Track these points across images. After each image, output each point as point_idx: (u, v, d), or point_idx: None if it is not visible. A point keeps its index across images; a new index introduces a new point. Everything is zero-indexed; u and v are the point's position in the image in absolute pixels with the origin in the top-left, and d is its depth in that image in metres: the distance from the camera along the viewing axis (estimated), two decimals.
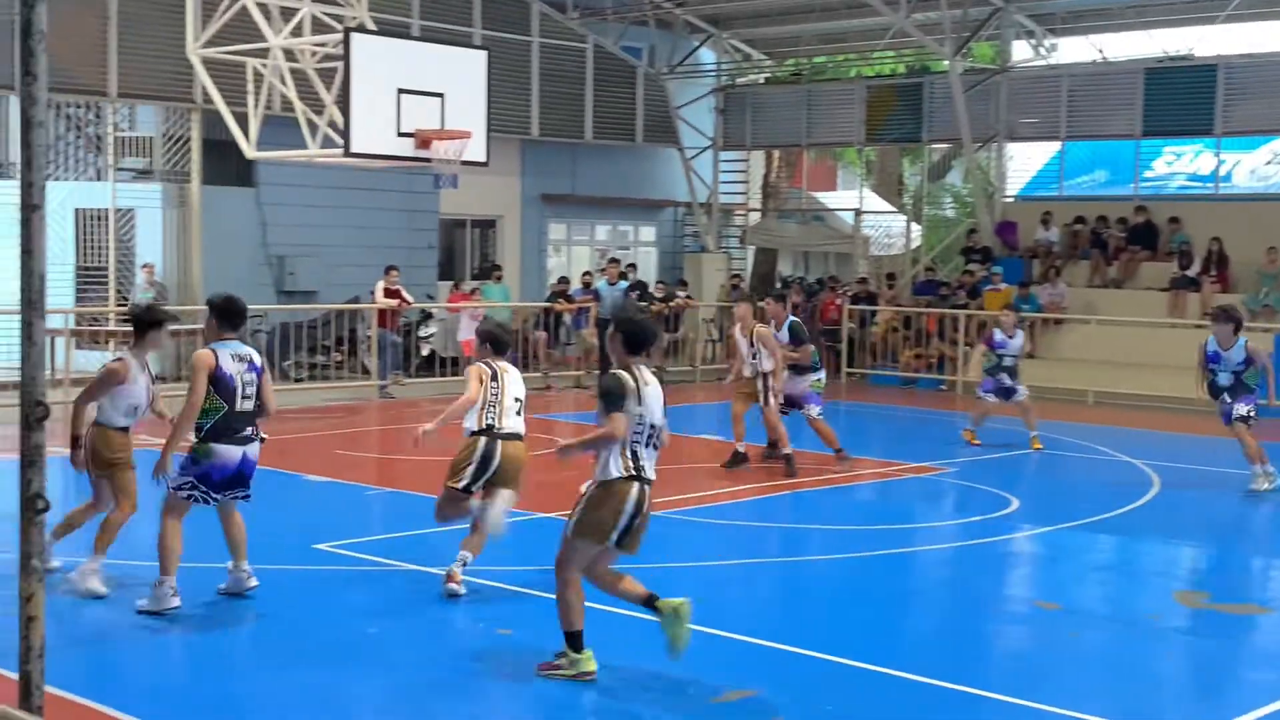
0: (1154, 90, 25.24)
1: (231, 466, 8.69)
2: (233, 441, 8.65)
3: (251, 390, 8.71)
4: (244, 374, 8.67)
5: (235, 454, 8.69)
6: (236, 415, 8.64)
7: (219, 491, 8.73)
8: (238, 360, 8.68)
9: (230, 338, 8.79)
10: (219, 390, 8.54)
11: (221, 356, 8.62)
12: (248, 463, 8.81)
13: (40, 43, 4.32)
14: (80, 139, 24.74)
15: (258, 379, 8.77)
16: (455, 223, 27.82)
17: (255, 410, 8.79)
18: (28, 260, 4.36)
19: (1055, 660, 8.25)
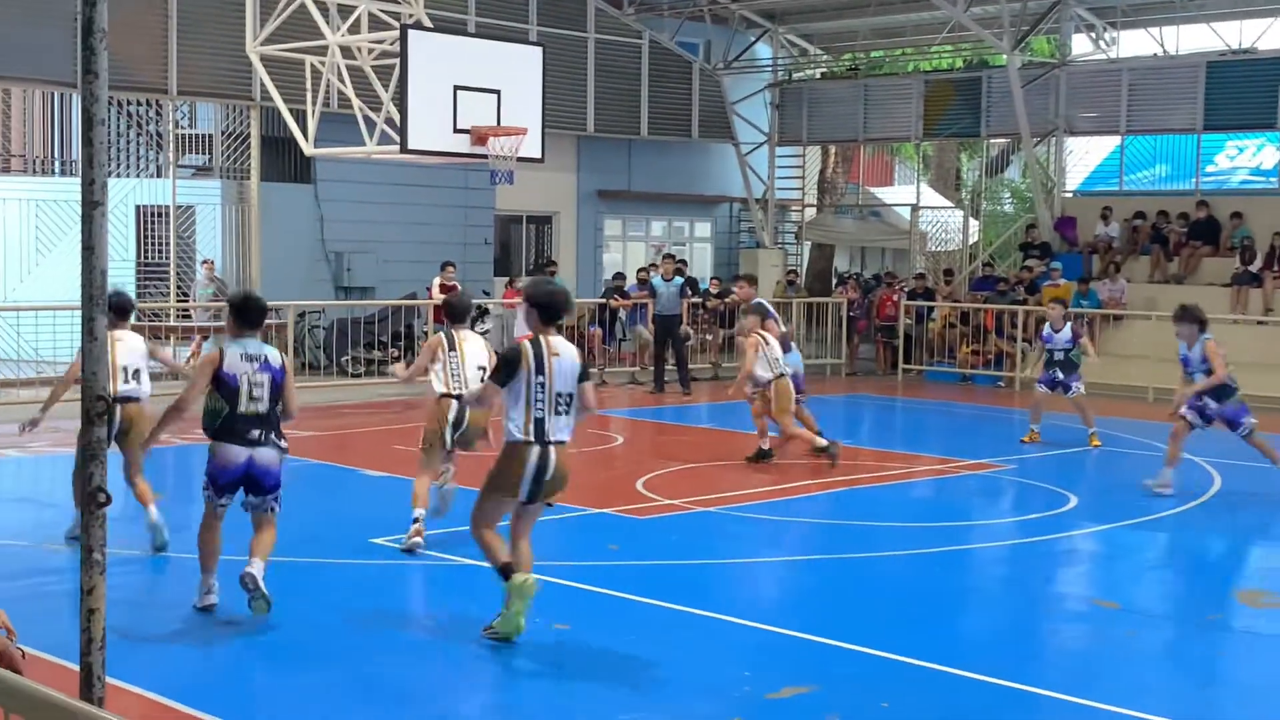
0: (1215, 84, 24.95)
1: (235, 468, 8.26)
2: (237, 442, 8.22)
3: (261, 392, 8.24)
4: (253, 374, 8.23)
5: (238, 456, 8.23)
6: (241, 416, 8.21)
7: (222, 494, 8.39)
8: (247, 359, 8.25)
9: (248, 335, 8.41)
10: (221, 389, 8.20)
11: (228, 355, 8.25)
12: (256, 467, 8.29)
13: (102, 41, 4.36)
14: (141, 136, 25.00)
15: (272, 380, 8.30)
16: (511, 219, 27.90)
17: (268, 413, 8.31)
18: (89, 256, 4.40)
19: (1113, 659, 8.18)
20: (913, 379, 24.43)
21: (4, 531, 10.87)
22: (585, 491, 12.88)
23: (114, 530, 7.83)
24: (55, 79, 21.06)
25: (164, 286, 22.96)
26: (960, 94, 28.08)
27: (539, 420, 7.91)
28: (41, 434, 15.76)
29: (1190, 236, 24.55)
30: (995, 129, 28.00)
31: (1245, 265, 23.10)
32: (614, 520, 11.70)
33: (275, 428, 8.37)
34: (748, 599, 9.44)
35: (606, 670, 7.63)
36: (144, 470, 10.47)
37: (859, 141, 31.15)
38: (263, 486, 8.36)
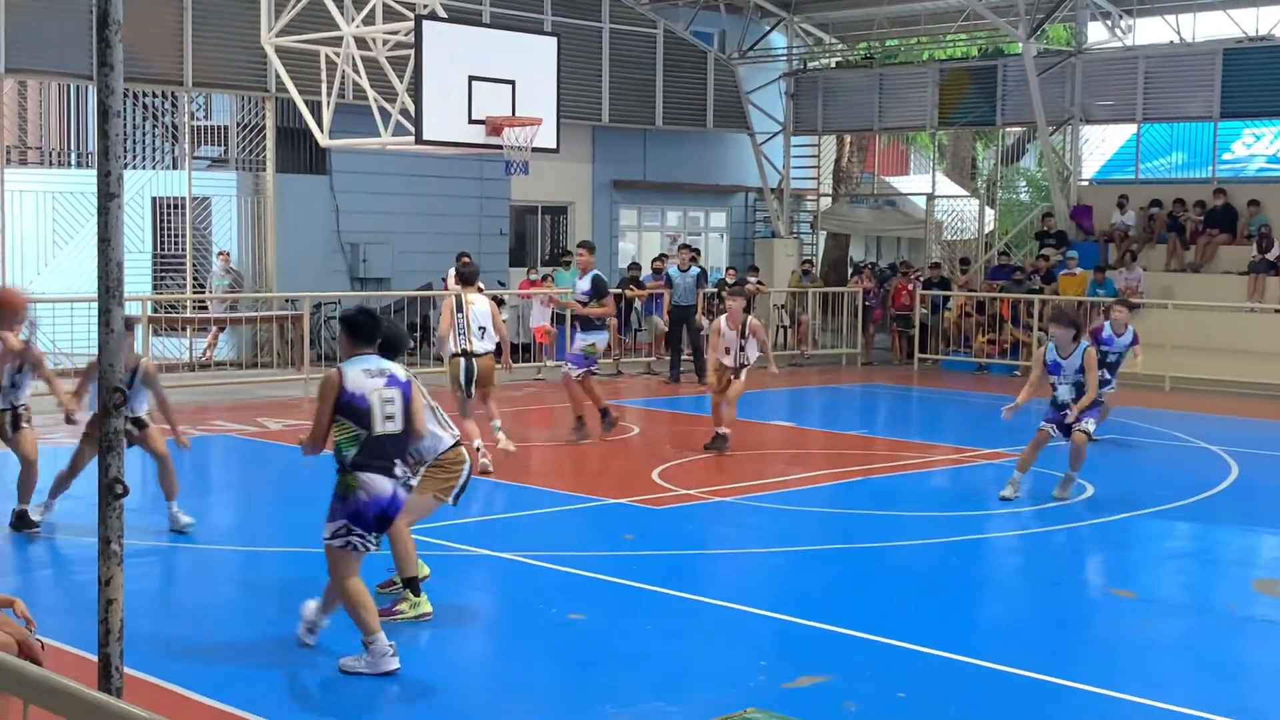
0: (1232, 71, 24.85)
1: (385, 500, 7.33)
2: (383, 472, 7.32)
3: (394, 409, 7.36)
4: (382, 390, 7.35)
5: (384, 488, 7.33)
6: (381, 440, 7.31)
7: (376, 532, 7.39)
8: (370, 375, 7.38)
9: (366, 352, 7.54)
10: (350, 414, 7.27)
11: (349, 374, 7.33)
12: (397, 505, 7.48)
13: (116, 33, 4.36)
14: (157, 128, 25.04)
15: (402, 396, 7.44)
16: (526, 209, 27.90)
17: (402, 435, 7.44)
18: (105, 248, 4.41)
19: (1131, 648, 8.16)
20: (928, 368, 24.40)
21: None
22: (601, 482, 12.90)
23: (132, 521, 7.88)
24: (71, 71, 21.10)
25: (180, 279, 23.00)
26: (976, 82, 28.00)
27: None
28: (60, 425, 15.84)
29: (1207, 224, 24.46)
30: (1011, 117, 27.91)
31: (1262, 253, 23.01)
32: (630, 510, 11.71)
33: (406, 458, 7.57)
34: (763, 588, 9.44)
35: (622, 660, 7.65)
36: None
37: (874, 131, 31.08)
38: (390, 523, 7.54)
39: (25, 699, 3.25)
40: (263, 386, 19.70)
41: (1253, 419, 17.72)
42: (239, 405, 17.81)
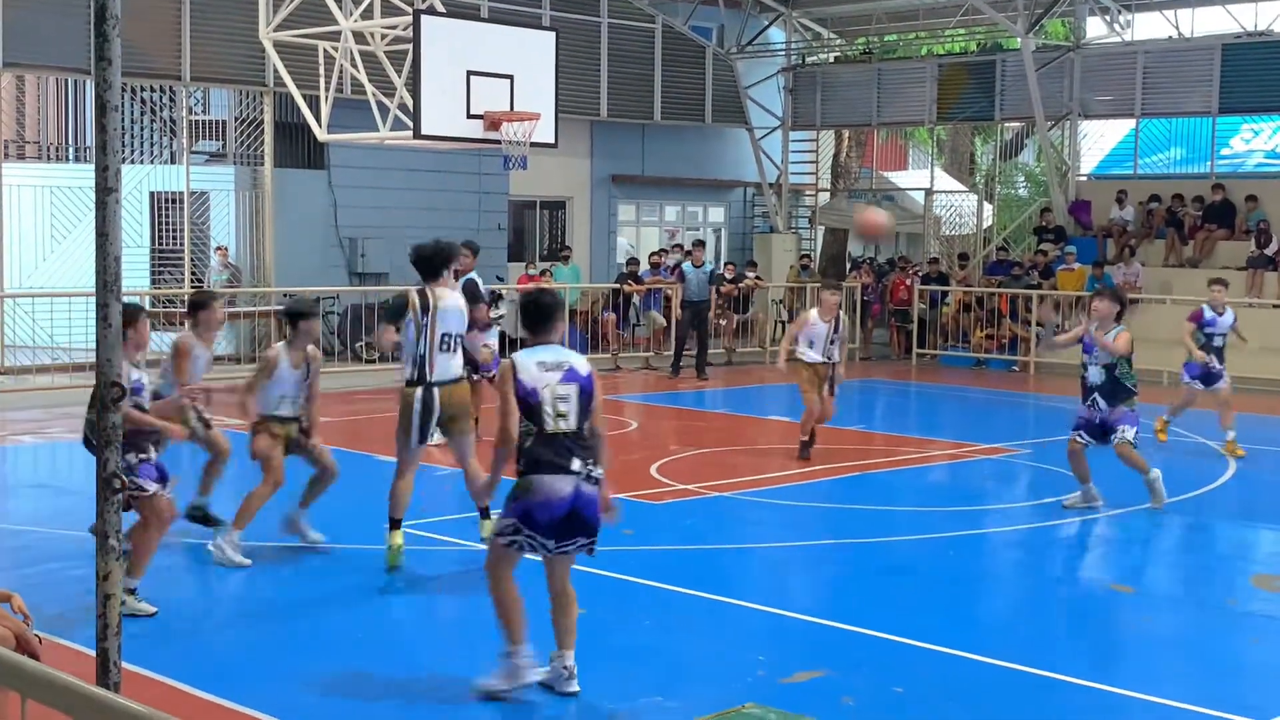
0: (1231, 66, 24.84)
1: (559, 504, 6.75)
2: (556, 471, 6.76)
3: (568, 406, 6.81)
4: (556, 385, 6.80)
5: (562, 488, 6.74)
6: (552, 438, 6.77)
7: (547, 536, 6.84)
8: (545, 368, 6.85)
9: (544, 341, 7.01)
10: (521, 410, 6.78)
11: (522, 365, 6.83)
12: (583, 499, 6.80)
13: (115, 28, 4.36)
14: (155, 123, 25.02)
15: (580, 390, 6.85)
16: (525, 204, 27.89)
17: (579, 431, 6.86)
18: (103, 243, 4.41)
19: (1130, 643, 8.17)
20: (927, 363, 24.40)
21: (21, 518, 10.91)
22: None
23: (130, 516, 7.87)
24: (69, 65, 21.09)
25: (178, 273, 22.99)
26: (974, 77, 27.99)
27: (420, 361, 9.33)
28: (58, 419, 15.86)
29: (1205, 220, 24.46)
30: (1009, 113, 27.90)
31: (1261, 248, 23.01)
32: (629, 505, 11.69)
33: (590, 452, 6.87)
34: (762, 583, 9.45)
35: (620, 655, 7.65)
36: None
37: (873, 126, 31.07)
38: (587, 525, 6.90)
39: (23, 693, 3.25)
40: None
41: (1251, 414, 17.72)
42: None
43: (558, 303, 7.10)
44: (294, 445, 9.85)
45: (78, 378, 16.98)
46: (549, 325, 7.02)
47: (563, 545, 6.90)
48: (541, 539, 6.84)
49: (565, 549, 6.93)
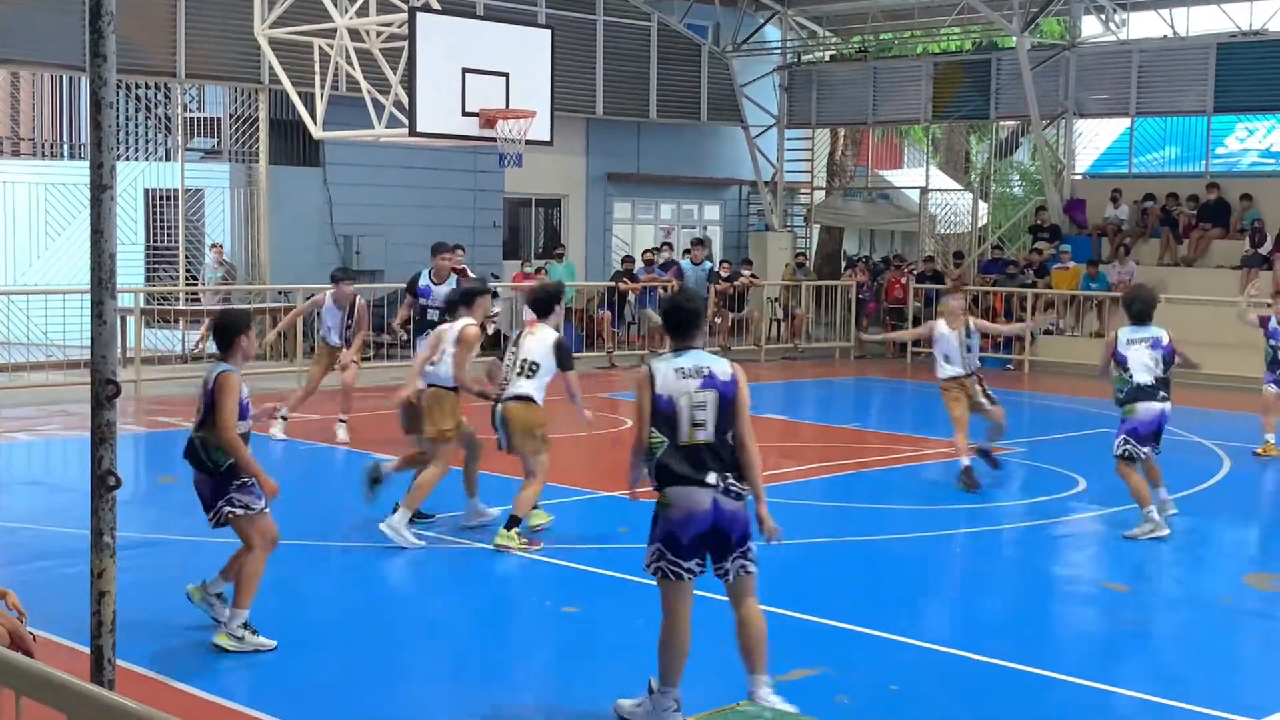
0: (1226, 65, 24.86)
1: (700, 519, 6.35)
2: (690, 484, 6.39)
3: (705, 415, 6.38)
4: (694, 393, 6.40)
5: (700, 501, 6.37)
6: (685, 450, 6.41)
7: (688, 557, 6.39)
8: (683, 376, 6.46)
9: (685, 346, 6.62)
10: (655, 419, 6.46)
11: (659, 373, 6.49)
12: (723, 514, 6.37)
13: (110, 24, 4.35)
14: (149, 120, 24.99)
15: (719, 399, 6.42)
16: (520, 201, 27.88)
17: (718, 443, 6.42)
18: (98, 240, 4.41)
19: (1123, 642, 8.18)
20: (922, 361, 24.39)
21: (16, 515, 10.90)
22: (594, 474, 12.91)
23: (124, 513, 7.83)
24: (64, 62, 21.06)
25: (173, 270, 22.97)
26: (969, 76, 28.00)
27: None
28: (53, 417, 15.84)
29: (1200, 219, 24.49)
30: (1004, 111, 27.92)
31: (1255, 247, 23.04)
32: (623, 503, 11.69)
33: (730, 464, 6.46)
34: (757, 581, 9.44)
35: (616, 652, 7.65)
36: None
37: (868, 124, 31.06)
38: (730, 541, 6.44)
39: (17, 691, 3.25)
40: (255, 378, 19.62)
41: (1244, 413, 17.73)
42: None
43: (700, 308, 6.83)
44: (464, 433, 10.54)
45: (72, 375, 16.98)
46: (690, 330, 6.65)
47: (719, 566, 6.46)
48: (685, 564, 6.39)
49: (723, 569, 6.48)
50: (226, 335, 7.56)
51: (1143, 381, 10.74)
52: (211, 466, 7.46)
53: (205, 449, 7.45)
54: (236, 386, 7.40)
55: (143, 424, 15.51)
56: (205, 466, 7.49)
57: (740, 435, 6.45)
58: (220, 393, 7.31)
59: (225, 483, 7.48)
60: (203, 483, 7.56)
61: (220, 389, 7.32)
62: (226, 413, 7.31)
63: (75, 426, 14.70)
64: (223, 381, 7.35)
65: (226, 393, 7.32)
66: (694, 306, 6.77)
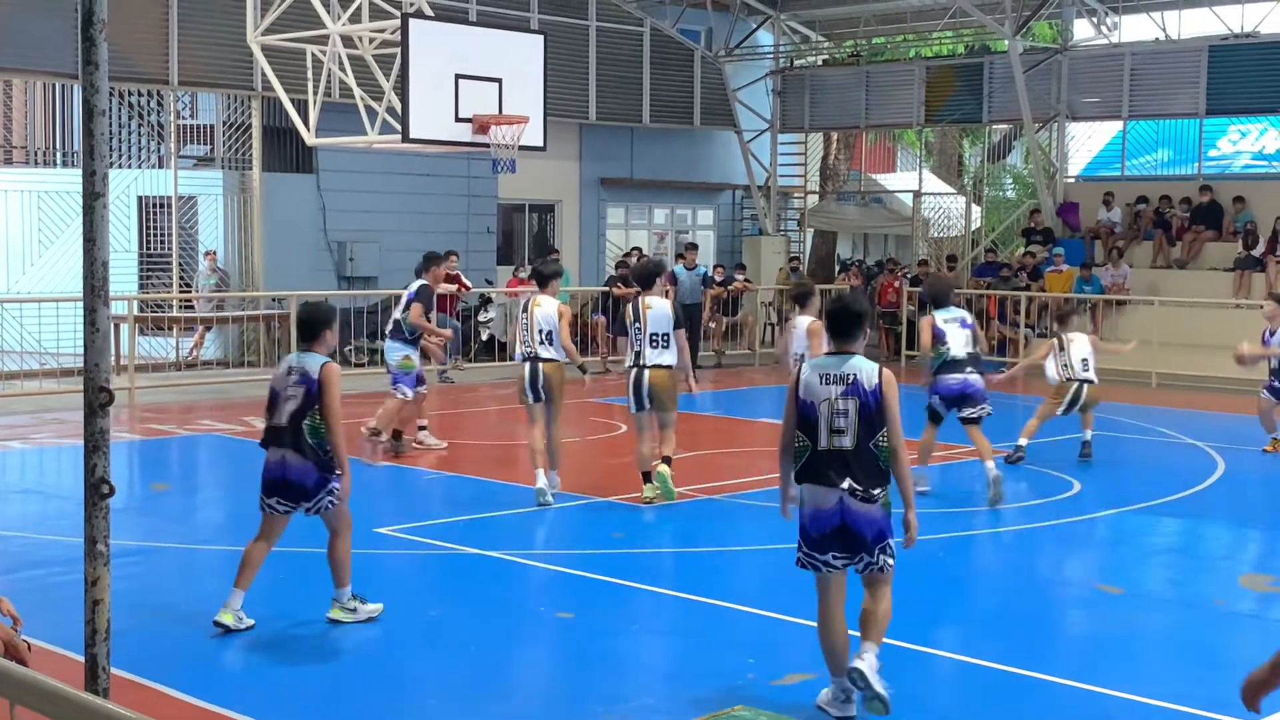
0: (1218, 68, 24.90)
1: (827, 515, 6.50)
2: (824, 483, 6.50)
3: (845, 422, 6.46)
4: (835, 400, 6.50)
5: (827, 500, 6.50)
6: (826, 454, 6.50)
7: (823, 550, 6.53)
8: (828, 381, 6.53)
9: (843, 350, 6.68)
10: (801, 422, 6.57)
11: (805, 376, 6.61)
12: (850, 514, 6.47)
13: (101, 32, 4.35)
14: (142, 127, 24.98)
15: (861, 405, 6.47)
16: (514, 207, 27.89)
17: (858, 449, 6.46)
18: (91, 248, 4.40)
19: (1118, 644, 8.18)
20: (916, 365, 24.39)
21: (9, 523, 10.88)
22: (590, 479, 12.90)
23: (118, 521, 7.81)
24: (56, 70, 21.05)
25: (166, 278, 22.95)
26: (962, 80, 28.03)
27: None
28: (46, 425, 15.83)
29: (1193, 221, 24.53)
30: (997, 115, 27.95)
31: (1248, 250, 23.08)
32: (619, 508, 11.71)
33: (869, 471, 6.47)
34: (752, 586, 9.44)
35: (610, 658, 7.65)
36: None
37: (861, 128, 31.11)
38: (862, 541, 6.50)
39: (11, 699, 3.25)
40: (249, 386, 19.65)
41: (1238, 415, 17.76)
42: (225, 404, 17.79)
43: (865, 311, 6.82)
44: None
45: (65, 383, 16.96)
46: (852, 334, 6.66)
47: (851, 561, 6.54)
48: (821, 557, 6.55)
49: (854, 565, 6.56)
50: (315, 328, 7.97)
51: (957, 355, 12.50)
52: (319, 455, 7.78)
53: (316, 438, 7.76)
54: (340, 377, 7.86)
55: (136, 432, 15.50)
56: (313, 455, 7.78)
57: (891, 445, 6.49)
58: (329, 383, 7.72)
59: (329, 472, 7.81)
60: (306, 471, 7.81)
61: (328, 380, 7.73)
62: (338, 403, 7.74)
63: (68, 434, 14.69)
64: (330, 372, 7.77)
65: (336, 383, 7.77)
66: (860, 310, 6.77)
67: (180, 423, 16.37)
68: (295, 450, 7.80)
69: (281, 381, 7.94)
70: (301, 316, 8.21)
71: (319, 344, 7.96)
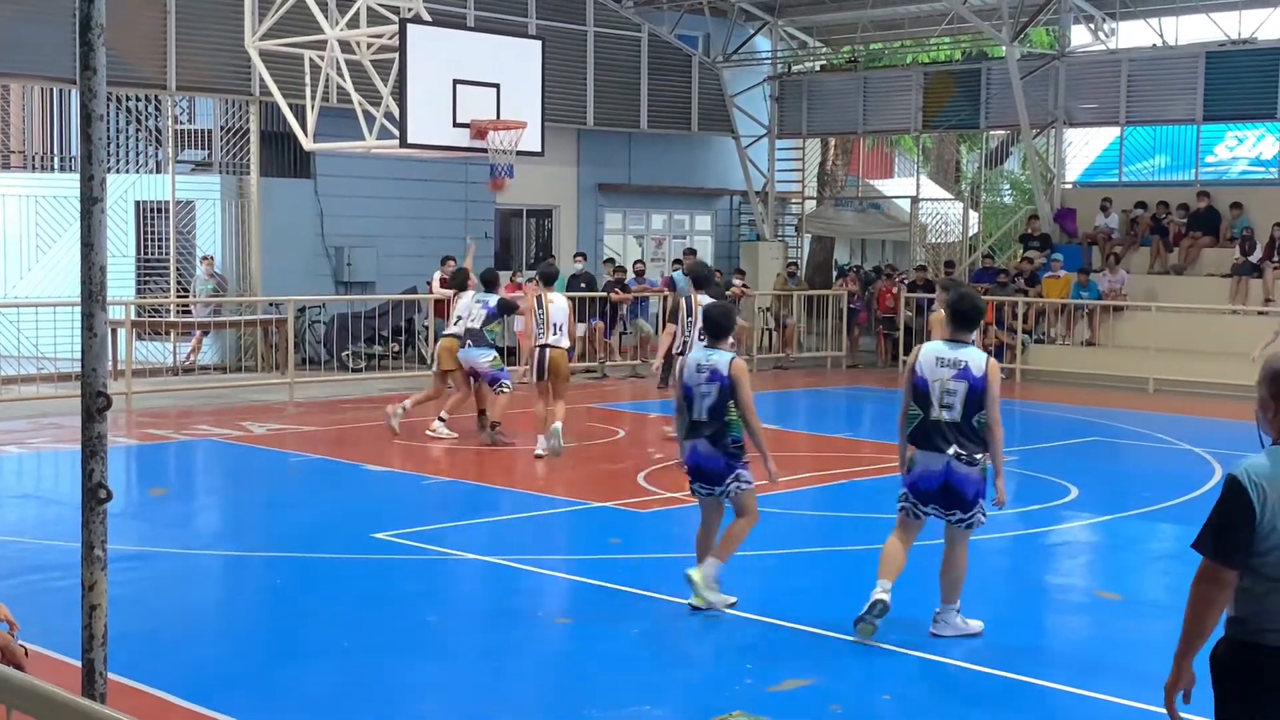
0: (1215, 74, 24.93)
1: (933, 477, 7.91)
2: (931, 448, 7.89)
3: (953, 400, 7.79)
4: (946, 381, 7.82)
5: (934, 464, 7.90)
6: (933, 424, 7.85)
7: (925, 503, 8.01)
8: (941, 364, 7.86)
9: (958, 339, 8.00)
10: (916, 396, 7.93)
11: (923, 357, 7.96)
12: (954, 476, 7.88)
13: (100, 37, 4.35)
14: (140, 132, 24.98)
15: (969, 388, 7.78)
16: (512, 212, 27.88)
17: (961, 423, 7.83)
18: (88, 253, 4.39)
19: (1116, 650, 8.18)
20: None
21: (6, 528, 10.88)
22: (587, 485, 12.91)
23: (115, 526, 7.82)
24: (54, 75, 21.04)
25: (164, 283, 22.95)
26: (959, 86, 28.05)
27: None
28: (44, 429, 15.82)
29: (1190, 227, 24.54)
30: (994, 121, 27.96)
31: (1245, 256, 23.09)
32: (616, 514, 11.71)
33: (971, 440, 7.85)
34: (749, 592, 9.44)
35: (608, 663, 7.64)
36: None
37: (858, 134, 31.11)
38: (962, 500, 7.94)
39: (8, 704, 3.24)
40: (247, 391, 19.67)
41: (1236, 421, 17.76)
42: (223, 409, 17.79)
43: (983, 306, 8.20)
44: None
45: (63, 387, 16.95)
46: (970, 325, 8.04)
47: (946, 515, 7.99)
48: (923, 508, 8.01)
49: (948, 518, 8.01)
50: (724, 330, 8.72)
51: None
52: (731, 446, 8.50)
53: (730, 430, 8.48)
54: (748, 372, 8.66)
55: (134, 437, 15.49)
56: (725, 446, 8.49)
57: (989, 420, 7.82)
58: (741, 379, 8.43)
59: (736, 460, 8.53)
60: (715, 458, 8.53)
61: (741, 375, 8.45)
62: (750, 395, 8.54)
63: (66, 439, 14.68)
64: (741, 368, 8.52)
65: (747, 378, 8.55)
66: (980, 305, 8.22)
67: (178, 428, 16.36)
68: (713, 441, 8.49)
69: (694, 378, 8.54)
70: (710, 321, 8.84)
71: (726, 341, 8.74)
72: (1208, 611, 4.34)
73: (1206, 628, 4.35)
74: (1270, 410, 4.49)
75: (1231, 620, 4.34)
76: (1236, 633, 4.34)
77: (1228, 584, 4.30)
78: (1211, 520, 4.39)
